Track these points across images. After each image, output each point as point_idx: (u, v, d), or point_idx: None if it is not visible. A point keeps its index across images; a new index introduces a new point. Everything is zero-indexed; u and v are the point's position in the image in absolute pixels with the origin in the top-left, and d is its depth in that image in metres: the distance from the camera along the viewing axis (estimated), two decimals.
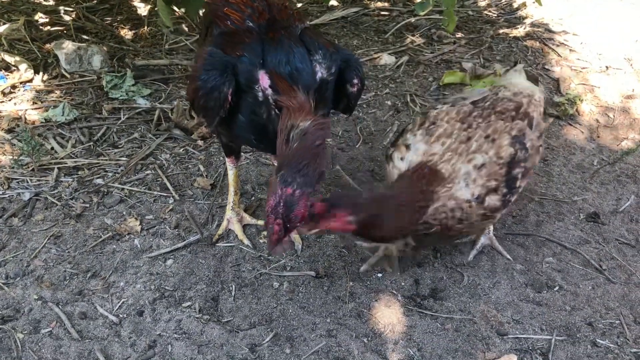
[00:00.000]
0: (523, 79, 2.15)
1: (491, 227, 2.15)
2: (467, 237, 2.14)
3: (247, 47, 1.71)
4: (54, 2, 3.76)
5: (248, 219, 2.22)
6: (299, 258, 2.11)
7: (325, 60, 1.71)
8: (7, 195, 2.31)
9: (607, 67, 3.25)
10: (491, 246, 2.16)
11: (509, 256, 2.13)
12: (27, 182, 2.38)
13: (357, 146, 2.67)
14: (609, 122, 2.88)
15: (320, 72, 1.70)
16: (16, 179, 2.39)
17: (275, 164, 2.10)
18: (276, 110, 1.64)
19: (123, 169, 2.47)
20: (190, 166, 2.51)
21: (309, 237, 2.15)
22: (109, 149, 2.60)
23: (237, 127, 1.80)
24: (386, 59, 3.29)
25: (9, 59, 3.06)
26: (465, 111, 1.90)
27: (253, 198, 2.36)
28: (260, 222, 2.22)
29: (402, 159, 1.83)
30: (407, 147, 1.84)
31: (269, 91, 1.65)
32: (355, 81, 1.80)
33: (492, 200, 1.77)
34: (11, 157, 2.49)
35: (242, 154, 2.23)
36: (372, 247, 2.11)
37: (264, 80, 1.66)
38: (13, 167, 2.44)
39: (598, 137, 2.80)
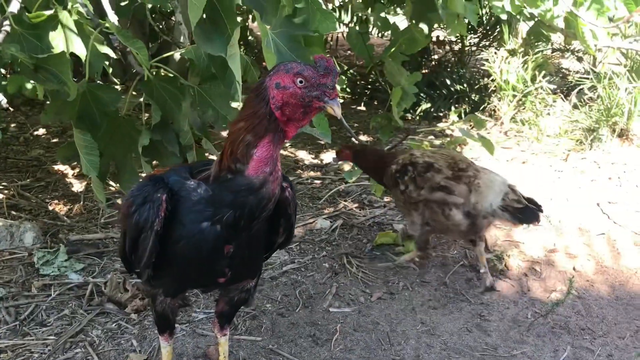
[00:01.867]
0: None
1: None
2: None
3: (171, 170, 1.68)
4: None
5: None
6: None
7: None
8: None
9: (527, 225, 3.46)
10: None
11: None
12: None
13: (297, 310, 2.65)
14: (537, 276, 3.00)
15: None
16: None
17: (217, 333, 2.04)
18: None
19: (51, 348, 2.34)
20: (122, 341, 2.41)
21: None
22: (37, 328, 2.47)
23: (179, 246, 1.61)
24: (321, 223, 3.40)
25: None
26: None
27: None
28: None
29: None
30: None
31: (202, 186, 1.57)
32: (285, 184, 1.68)
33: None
34: None
35: (176, 325, 2.13)
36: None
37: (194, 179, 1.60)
38: None
39: (529, 290, 2.89)
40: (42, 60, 1.92)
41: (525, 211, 2.68)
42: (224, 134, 4.63)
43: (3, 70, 2.30)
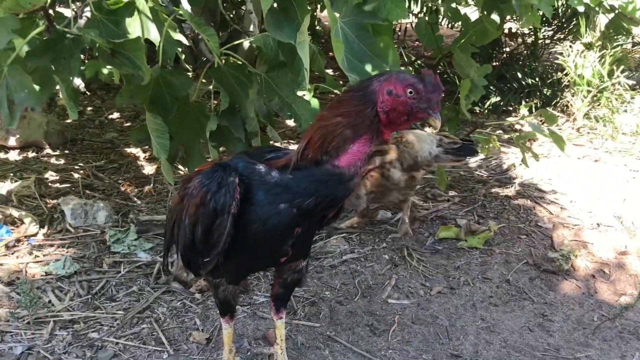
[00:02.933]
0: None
1: None
2: None
3: (234, 157, 1.74)
4: (65, 162, 3.95)
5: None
6: None
7: None
8: None
9: (598, 225, 3.34)
10: None
11: None
12: (21, 335, 2.34)
13: (355, 299, 2.66)
14: (606, 278, 2.90)
15: None
16: (10, 332, 2.36)
17: (273, 316, 2.10)
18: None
19: (119, 322, 2.45)
20: (186, 320, 2.49)
21: None
22: (107, 302, 2.59)
23: (252, 228, 1.66)
24: (382, 214, 3.39)
25: (16, 213, 3.16)
26: None
27: (249, 353, 2.31)
28: None
29: None
30: None
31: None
32: None
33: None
34: (8, 310, 2.47)
35: (237, 307, 2.18)
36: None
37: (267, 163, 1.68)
38: (8, 320, 2.41)
39: (596, 292, 2.80)
40: (119, 45, 2.00)
41: (463, 148, 2.99)
42: (289, 122, 4.68)
43: (82, 56, 2.41)
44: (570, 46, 5.16)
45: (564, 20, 5.85)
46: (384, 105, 1.55)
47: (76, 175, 3.74)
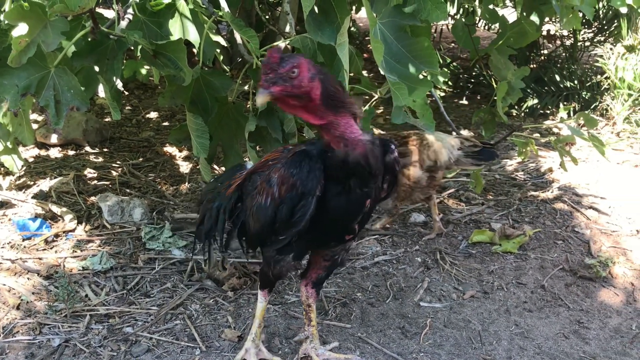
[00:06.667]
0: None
1: None
2: None
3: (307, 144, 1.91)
4: (103, 159, 4.03)
5: (266, 353, 2.22)
6: None
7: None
8: (37, 341, 2.33)
9: (637, 231, 3.26)
10: None
11: None
12: (59, 328, 2.40)
13: (387, 302, 2.65)
14: None
15: None
16: (48, 324, 2.42)
17: (310, 301, 2.19)
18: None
19: (153, 318, 2.49)
20: (219, 317, 2.51)
21: None
22: (141, 298, 2.63)
23: (330, 206, 1.84)
24: (415, 216, 3.37)
25: (56, 209, 3.24)
26: None
27: (280, 352, 2.32)
28: (277, 359, 2.21)
29: None
30: None
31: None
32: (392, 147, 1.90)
33: None
34: (46, 303, 2.54)
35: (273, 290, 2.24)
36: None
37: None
38: (46, 313, 2.48)
39: (635, 300, 2.73)
40: (161, 46, 2.04)
41: (483, 152, 3.03)
42: None
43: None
44: (611, 49, 5.06)
45: (604, 22, 5.73)
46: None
47: (113, 173, 3.81)
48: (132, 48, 2.25)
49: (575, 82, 5.14)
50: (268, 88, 1.58)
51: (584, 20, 5.30)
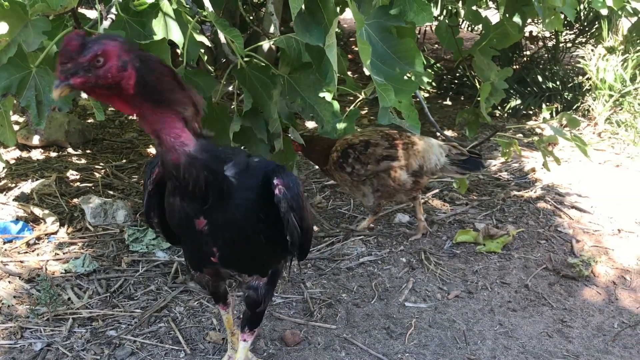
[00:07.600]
0: None
1: None
2: None
3: None
4: (85, 161, 3.99)
5: (250, 355, 2.21)
6: None
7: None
8: (18, 345, 2.29)
9: (619, 230, 3.30)
10: None
11: None
12: (41, 332, 2.37)
13: (372, 302, 2.66)
14: (627, 285, 2.86)
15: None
16: (30, 328, 2.38)
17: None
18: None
19: (137, 321, 2.47)
20: (203, 319, 2.50)
21: None
22: (125, 301, 2.61)
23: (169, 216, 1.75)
24: (400, 217, 3.38)
25: (38, 212, 3.20)
26: None
27: (265, 354, 2.31)
28: None
29: None
30: None
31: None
32: (276, 181, 1.65)
33: None
34: (28, 306, 2.50)
35: (229, 296, 2.13)
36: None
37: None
38: (28, 317, 2.44)
39: (617, 299, 2.76)
40: (144, 46, 2.02)
41: (469, 161, 3.04)
42: (310, 123, 4.69)
43: None
44: (592, 50, 5.11)
45: (585, 23, 5.79)
46: None
47: (96, 175, 3.77)
48: None
49: (558, 83, 5.19)
50: (66, 80, 1.30)
51: (565, 22, 5.35)
